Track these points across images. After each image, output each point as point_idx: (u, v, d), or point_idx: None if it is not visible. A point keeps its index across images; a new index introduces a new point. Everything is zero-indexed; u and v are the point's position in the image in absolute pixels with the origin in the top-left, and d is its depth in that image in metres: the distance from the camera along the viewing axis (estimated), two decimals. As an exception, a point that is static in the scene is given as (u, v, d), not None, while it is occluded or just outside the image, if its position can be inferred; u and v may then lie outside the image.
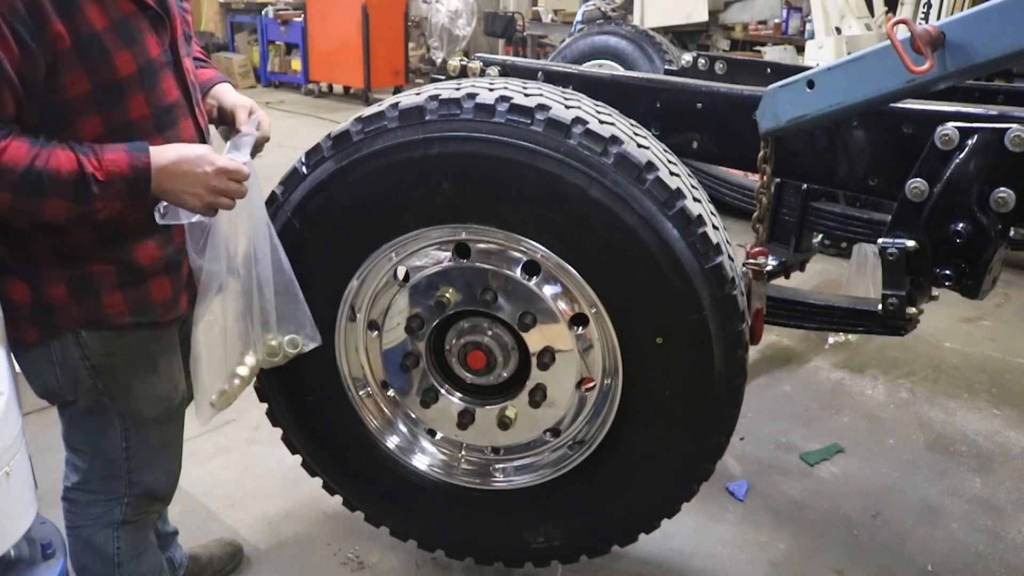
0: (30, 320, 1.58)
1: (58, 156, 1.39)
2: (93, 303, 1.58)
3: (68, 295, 1.56)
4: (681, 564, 2.48)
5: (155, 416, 1.76)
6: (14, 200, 1.38)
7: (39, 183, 1.37)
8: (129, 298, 1.61)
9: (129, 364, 1.67)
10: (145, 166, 1.45)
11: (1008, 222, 1.78)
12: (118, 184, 1.44)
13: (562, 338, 1.92)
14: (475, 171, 1.78)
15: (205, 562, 2.36)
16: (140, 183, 1.46)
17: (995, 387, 3.61)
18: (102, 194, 1.43)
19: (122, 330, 1.63)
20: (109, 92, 1.48)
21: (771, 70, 3.18)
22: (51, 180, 1.37)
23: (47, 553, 2.03)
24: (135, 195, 1.47)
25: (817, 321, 2.54)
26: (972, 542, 2.61)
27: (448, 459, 2.20)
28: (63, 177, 1.38)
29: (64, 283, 1.56)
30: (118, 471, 1.78)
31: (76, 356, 1.62)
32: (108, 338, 1.63)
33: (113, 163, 1.43)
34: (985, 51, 1.51)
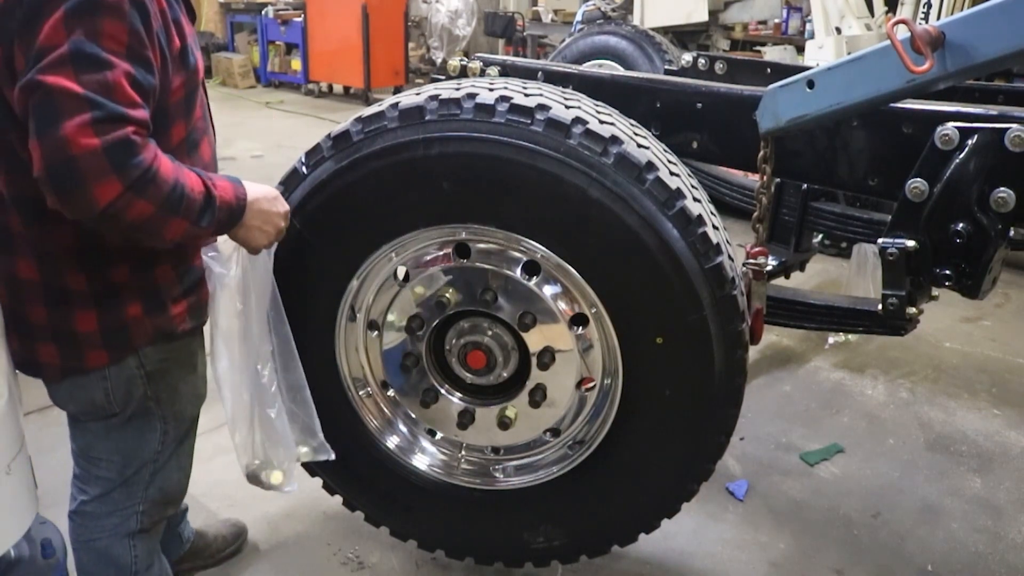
0: (99, 346, 1.57)
1: (191, 177, 1.40)
2: (163, 316, 1.61)
3: (143, 313, 1.58)
4: (681, 564, 2.48)
5: (194, 415, 1.82)
6: (153, 215, 1.34)
7: (179, 201, 1.36)
8: (190, 304, 1.66)
9: (178, 367, 1.71)
10: (244, 198, 1.51)
11: (1008, 222, 1.78)
12: (223, 212, 1.46)
13: (562, 338, 1.92)
14: (475, 171, 1.78)
15: (211, 539, 2.42)
16: (237, 214, 1.50)
17: (995, 387, 3.61)
18: (214, 220, 1.44)
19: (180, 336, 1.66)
20: (191, 97, 1.54)
21: (771, 70, 3.19)
22: (187, 200, 1.38)
23: (47, 553, 2.03)
24: (228, 225, 1.51)
25: (817, 321, 2.54)
26: (972, 542, 2.61)
27: (448, 459, 2.20)
28: (195, 198, 1.39)
29: (140, 301, 1.57)
30: (142, 476, 1.78)
31: (133, 366, 1.62)
32: (164, 346, 1.65)
33: (224, 190, 1.46)
34: (985, 51, 1.51)
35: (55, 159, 1.24)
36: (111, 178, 1.26)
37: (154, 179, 1.31)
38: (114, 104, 1.27)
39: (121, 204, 1.29)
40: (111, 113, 1.26)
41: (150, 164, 1.31)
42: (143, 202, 1.31)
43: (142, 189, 1.30)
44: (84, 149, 1.24)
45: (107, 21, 1.28)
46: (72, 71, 1.25)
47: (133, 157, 1.28)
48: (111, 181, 1.26)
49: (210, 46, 11.87)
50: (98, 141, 1.24)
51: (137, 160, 1.29)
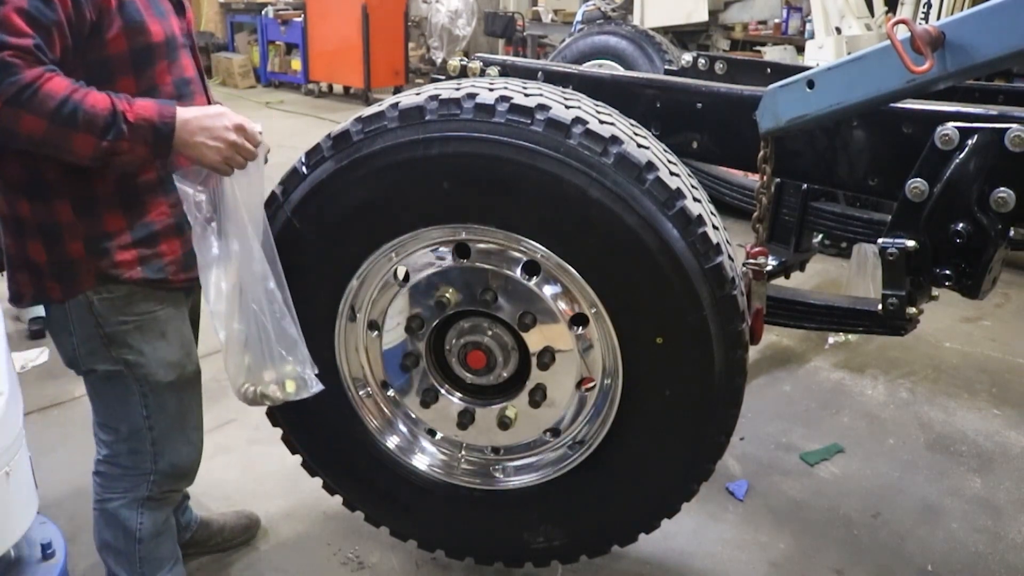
0: (52, 278, 1.69)
1: (94, 95, 1.50)
2: (106, 259, 1.68)
3: (84, 252, 1.67)
4: (681, 564, 2.48)
5: (170, 381, 1.85)
6: (48, 129, 1.46)
7: (73, 115, 1.46)
8: (141, 255, 1.72)
9: (139, 331, 1.77)
10: (171, 116, 1.57)
11: (1008, 222, 1.78)
12: (144, 130, 1.54)
13: (562, 338, 1.92)
14: (475, 171, 1.78)
15: (216, 529, 2.45)
16: (165, 130, 1.56)
17: (995, 387, 3.61)
18: (129, 136, 1.53)
19: (132, 295, 1.73)
20: (142, 55, 1.63)
21: (771, 70, 3.18)
22: (85, 114, 1.47)
23: (47, 553, 2.03)
24: (159, 143, 1.58)
25: (817, 321, 2.54)
26: (972, 542, 2.61)
27: (448, 459, 2.20)
28: (96, 112, 1.48)
29: (81, 240, 1.66)
30: (143, 443, 1.87)
31: (91, 325, 1.73)
32: (119, 305, 1.73)
33: (143, 108, 1.55)
34: (985, 51, 1.51)
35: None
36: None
37: (36, 95, 1.43)
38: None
39: (5, 118, 1.43)
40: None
41: (30, 82, 1.43)
42: (29, 116, 1.44)
43: (24, 103, 1.42)
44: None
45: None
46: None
47: (9, 76, 1.41)
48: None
49: (210, 46, 11.87)
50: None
51: (13, 79, 1.41)
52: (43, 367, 3.51)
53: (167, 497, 1.98)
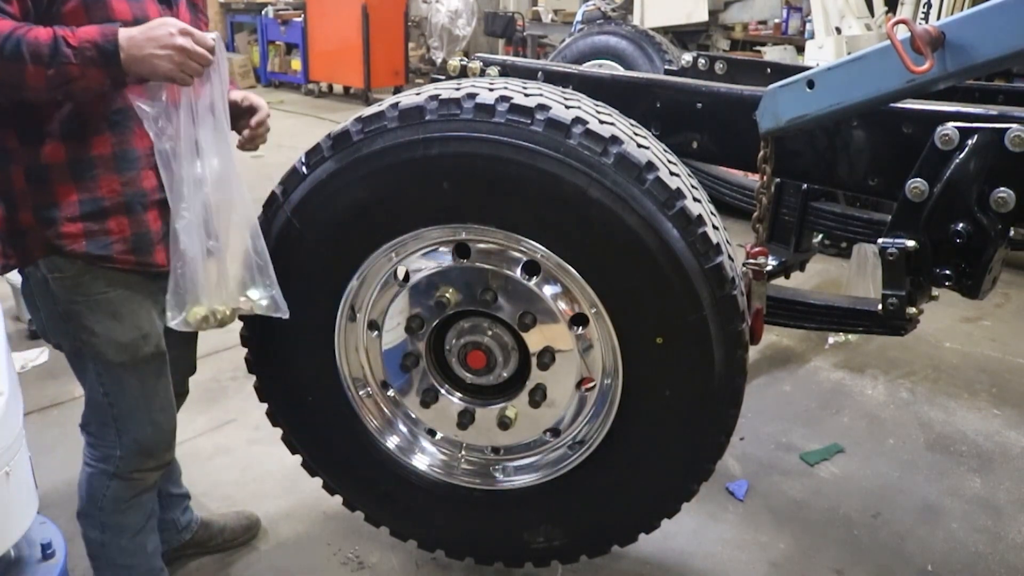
0: (8, 244, 1.72)
1: (37, 30, 1.51)
2: (51, 229, 1.68)
3: (33, 220, 1.68)
4: (681, 564, 2.48)
5: (122, 362, 1.83)
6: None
7: (17, 49, 1.48)
8: (87, 229, 1.70)
9: (89, 310, 1.77)
10: (113, 33, 1.55)
11: (1008, 222, 1.78)
12: (89, 51, 1.52)
13: (562, 338, 1.92)
14: (475, 171, 1.78)
15: (216, 530, 2.47)
16: (109, 47, 1.53)
17: (995, 387, 3.61)
18: (76, 59, 1.51)
19: (82, 275, 1.73)
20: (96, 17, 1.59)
21: (771, 70, 3.18)
22: (28, 45, 1.48)
23: (47, 553, 2.03)
24: (109, 62, 1.54)
25: (817, 321, 2.54)
26: (972, 542, 2.61)
27: (448, 459, 2.20)
28: (40, 42, 1.49)
29: (30, 208, 1.68)
30: (106, 417, 1.91)
31: (51, 303, 1.78)
32: (68, 285, 1.74)
33: (85, 32, 1.54)
34: (985, 51, 1.51)
35: None
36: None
37: None
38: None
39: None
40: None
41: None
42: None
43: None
44: None
45: None
46: None
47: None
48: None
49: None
50: None
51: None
52: (43, 367, 3.51)
53: (135, 479, 1.97)
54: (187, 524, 2.40)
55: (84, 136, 1.67)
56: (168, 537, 2.33)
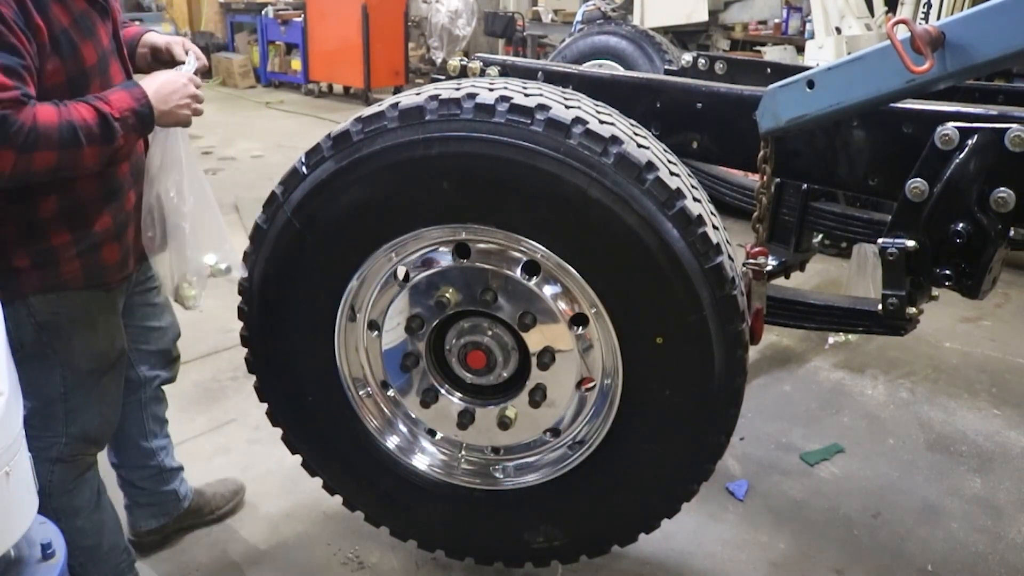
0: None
1: (78, 108, 1.61)
2: (52, 272, 1.77)
3: (31, 265, 1.76)
4: (681, 564, 2.48)
5: (91, 368, 1.93)
6: (59, 157, 1.58)
7: (74, 135, 1.59)
8: (85, 264, 1.82)
9: (71, 323, 1.85)
10: (144, 95, 1.71)
11: (1008, 222, 1.78)
12: (130, 118, 1.68)
13: (562, 338, 1.92)
14: (475, 171, 1.78)
15: (209, 497, 2.59)
16: (146, 112, 1.71)
17: (995, 387, 3.61)
18: (122, 130, 1.67)
19: (67, 295, 1.81)
20: (78, 80, 1.69)
21: (771, 70, 3.18)
22: (82, 129, 1.60)
23: (47, 553, 2.02)
24: (146, 124, 1.73)
25: (817, 321, 2.54)
26: (972, 542, 2.61)
27: (448, 459, 2.20)
28: (90, 124, 1.61)
29: (28, 256, 1.75)
30: (56, 412, 1.94)
31: (23, 315, 1.79)
32: (53, 300, 1.81)
33: (118, 100, 1.67)
34: (985, 51, 1.51)
35: None
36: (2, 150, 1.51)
37: (38, 133, 1.54)
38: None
39: (22, 164, 1.54)
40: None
41: (30, 124, 1.53)
42: (40, 154, 1.56)
43: (32, 145, 1.54)
44: None
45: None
46: None
47: (11, 127, 1.51)
48: (4, 151, 1.51)
49: (210, 46, 11.87)
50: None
51: (16, 128, 1.51)
52: (43, 367, 3.51)
53: (76, 459, 2.03)
54: (185, 494, 2.51)
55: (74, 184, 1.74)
56: (170, 508, 2.47)
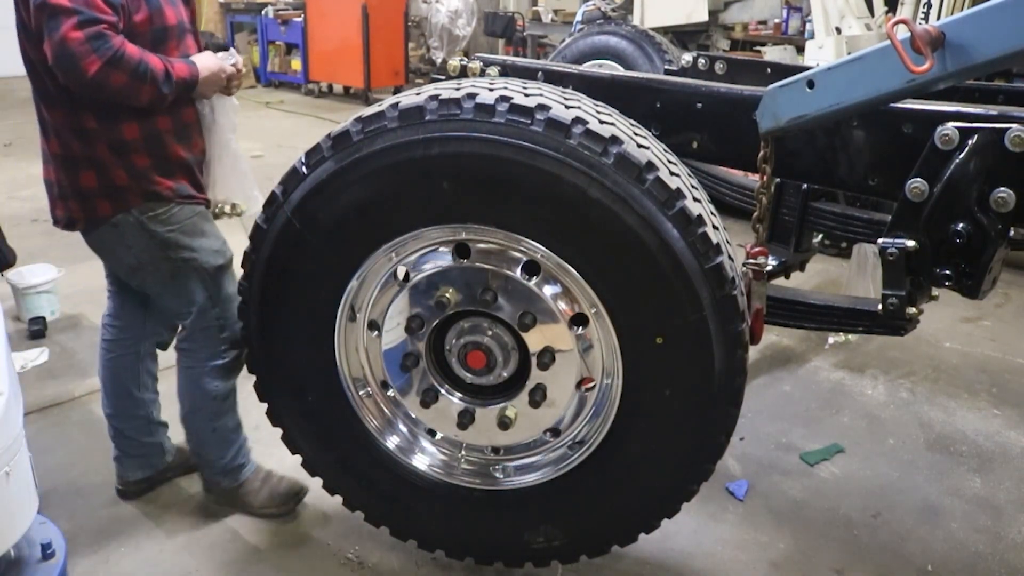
0: (103, 197, 2.19)
1: (152, 58, 2.07)
2: (147, 183, 2.19)
3: (128, 178, 2.18)
4: (681, 564, 2.48)
5: (219, 264, 2.35)
6: (128, 82, 2.00)
7: (144, 73, 2.02)
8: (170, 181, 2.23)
9: (184, 234, 2.26)
10: (196, 73, 2.19)
11: (1008, 222, 1.78)
12: (182, 83, 2.14)
13: (562, 338, 1.92)
14: (475, 171, 1.78)
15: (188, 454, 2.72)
16: (192, 82, 2.18)
17: (995, 387, 3.61)
18: (176, 88, 2.12)
19: (170, 211, 2.23)
20: (159, 34, 2.15)
21: (771, 70, 3.18)
22: (150, 72, 2.04)
23: (47, 553, 2.03)
24: (189, 89, 2.19)
25: (817, 321, 2.54)
26: (972, 542, 2.61)
27: (448, 459, 2.20)
28: (157, 72, 2.06)
29: (122, 169, 2.17)
30: (210, 320, 2.36)
31: (145, 238, 2.23)
32: (163, 219, 2.23)
33: (180, 69, 2.14)
34: (985, 51, 1.51)
35: (59, 50, 1.94)
36: (93, 57, 1.94)
37: (123, 57, 1.97)
38: (90, 11, 1.94)
39: (102, 74, 1.95)
40: (89, 17, 1.94)
41: (119, 47, 1.97)
42: (117, 73, 1.98)
43: (115, 63, 1.96)
44: (74, 40, 1.93)
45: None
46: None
47: (106, 43, 1.95)
48: (93, 59, 1.94)
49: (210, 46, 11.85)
50: (82, 34, 1.93)
51: (108, 45, 1.95)
52: (43, 367, 3.51)
53: (234, 365, 2.44)
54: (170, 448, 2.72)
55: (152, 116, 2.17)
56: (155, 460, 2.68)
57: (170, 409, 2.61)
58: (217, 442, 2.53)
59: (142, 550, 2.46)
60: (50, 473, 2.72)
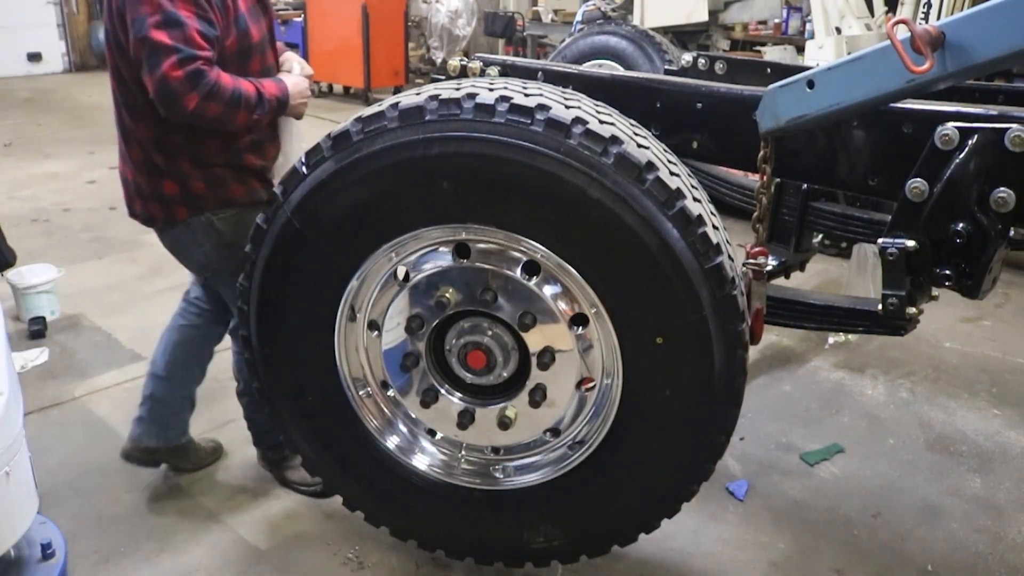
0: (181, 204, 2.32)
1: (244, 83, 2.17)
2: (223, 191, 2.32)
3: (205, 187, 2.31)
4: (681, 564, 2.48)
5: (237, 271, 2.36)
6: (224, 111, 2.11)
7: (238, 100, 2.13)
8: (243, 188, 2.35)
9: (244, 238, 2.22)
10: (286, 91, 2.30)
11: (1008, 222, 1.78)
12: (273, 103, 2.25)
13: (562, 338, 1.92)
14: (475, 171, 1.78)
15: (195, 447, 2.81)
16: (283, 100, 2.29)
17: (995, 387, 3.61)
18: (267, 108, 2.22)
19: (240, 211, 2.33)
20: (246, 52, 2.26)
21: (771, 70, 3.18)
22: (244, 98, 2.15)
23: (47, 553, 2.03)
24: (280, 109, 2.29)
25: (817, 321, 2.54)
26: (972, 542, 2.61)
27: (448, 459, 2.20)
28: (250, 97, 2.16)
29: (202, 180, 2.30)
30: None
31: (215, 238, 2.36)
32: (233, 221, 2.34)
33: (269, 89, 2.24)
34: (985, 51, 1.51)
35: (160, 86, 2.05)
36: (192, 93, 2.05)
37: (218, 91, 2.08)
38: (189, 48, 2.05)
39: (200, 108, 2.07)
40: (187, 55, 2.04)
41: (215, 81, 2.08)
42: (214, 104, 2.09)
43: (211, 96, 2.07)
44: (175, 79, 2.04)
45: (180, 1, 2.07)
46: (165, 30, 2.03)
47: (203, 78, 2.06)
48: (192, 95, 2.05)
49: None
50: (181, 73, 2.03)
51: (205, 80, 2.06)
52: (43, 367, 3.51)
53: None
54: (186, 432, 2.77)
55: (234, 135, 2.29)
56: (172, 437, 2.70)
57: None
58: None
59: (142, 550, 2.46)
60: (50, 473, 2.72)
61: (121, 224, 5.37)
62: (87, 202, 5.88)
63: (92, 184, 6.36)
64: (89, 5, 12.09)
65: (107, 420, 3.12)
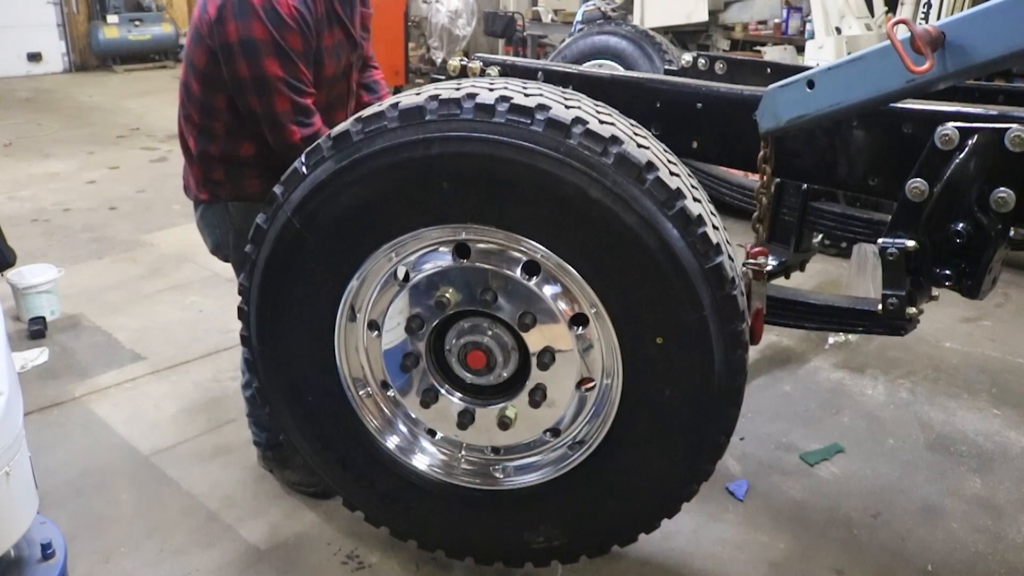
0: (203, 188, 2.51)
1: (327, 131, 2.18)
2: (239, 185, 2.48)
3: (224, 177, 2.48)
4: (681, 564, 2.48)
5: None
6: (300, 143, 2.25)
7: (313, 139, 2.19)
8: (259, 184, 2.44)
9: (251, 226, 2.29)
10: None
11: (1008, 222, 1.78)
12: None
13: (562, 338, 1.92)
14: (475, 171, 1.78)
15: None
16: None
17: (995, 387, 3.61)
18: None
19: (251, 204, 2.36)
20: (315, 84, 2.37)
21: (771, 70, 3.18)
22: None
23: (47, 553, 2.03)
24: None
25: (817, 321, 2.53)
26: (972, 542, 2.61)
27: (448, 459, 2.20)
28: None
29: (223, 171, 2.47)
30: None
31: (228, 223, 2.52)
32: (245, 211, 2.43)
33: None
34: (985, 51, 1.51)
35: (268, 112, 2.27)
36: (296, 128, 2.28)
37: (316, 138, 2.09)
38: (298, 83, 2.27)
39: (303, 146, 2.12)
40: (296, 87, 2.26)
41: (317, 129, 2.30)
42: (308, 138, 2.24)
43: (310, 141, 2.15)
44: (284, 112, 2.26)
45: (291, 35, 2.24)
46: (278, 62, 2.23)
47: (308, 118, 2.31)
48: (296, 130, 2.28)
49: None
50: (289, 106, 2.26)
51: (310, 122, 2.31)
52: (43, 367, 3.51)
53: None
54: None
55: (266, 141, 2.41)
56: None
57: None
58: None
59: (142, 550, 2.47)
60: (50, 473, 2.72)
61: (121, 224, 5.38)
62: (87, 202, 5.88)
63: (92, 184, 6.36)
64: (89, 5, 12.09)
65: (107, 420, 3.12)
